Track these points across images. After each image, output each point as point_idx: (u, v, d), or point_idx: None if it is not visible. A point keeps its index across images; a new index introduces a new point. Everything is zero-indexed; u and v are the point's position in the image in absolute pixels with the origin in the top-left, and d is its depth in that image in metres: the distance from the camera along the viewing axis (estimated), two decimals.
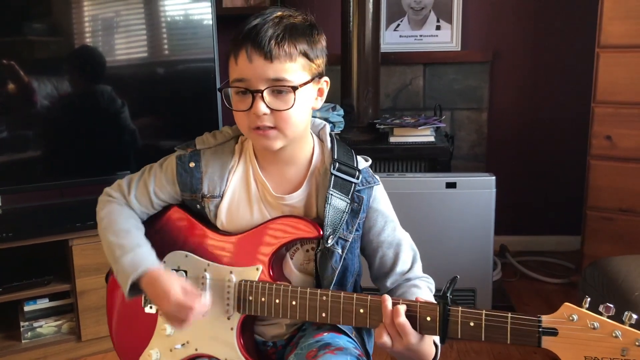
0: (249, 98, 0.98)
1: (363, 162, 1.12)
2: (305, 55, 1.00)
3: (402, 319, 0.91)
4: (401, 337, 0.92)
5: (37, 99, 2.12)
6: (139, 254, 1.06)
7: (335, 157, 1.08)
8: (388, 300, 0.93)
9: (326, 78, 1.07)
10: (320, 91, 1.07)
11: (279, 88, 0.98)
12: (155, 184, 1.13)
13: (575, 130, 2.82)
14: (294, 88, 0.98)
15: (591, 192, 2.51)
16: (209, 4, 2.34)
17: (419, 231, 2.01)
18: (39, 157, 2.18)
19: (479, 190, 2.09)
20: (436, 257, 2.05)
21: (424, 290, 1.07)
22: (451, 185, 2.09)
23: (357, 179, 1.07)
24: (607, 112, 2.43)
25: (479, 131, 3.01)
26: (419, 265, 1.12)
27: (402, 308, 0.92)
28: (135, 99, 2.28)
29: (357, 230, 1.08)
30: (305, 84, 1.00)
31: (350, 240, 1.07)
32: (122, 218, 1.12)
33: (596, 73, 2.43)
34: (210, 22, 2.35)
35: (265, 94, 0.97)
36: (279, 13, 1.01)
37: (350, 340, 1.07)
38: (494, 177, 2.10)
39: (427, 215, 2.11)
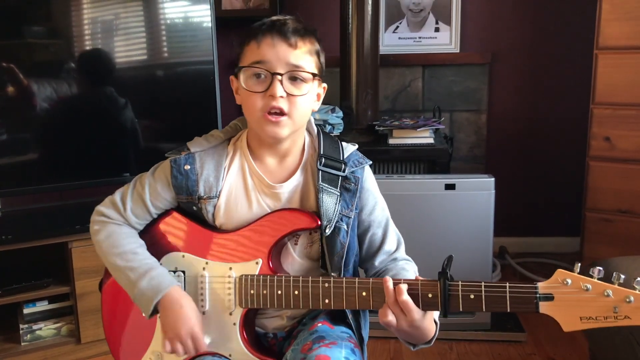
0: (266, 81, 1.04)
1: (350, 148, 1.16)
2: (317, 55, 1.09)
3: (405, 297, 0.95)
4: (405, 315, 0.95)
5: (37, 101, 2.12)
6: (156, 276, 1.08)
7: (322, 153, 1.12)
8: (390, 281, 0.97)
9: (325, 85, 1.14)
10: (318, 95, 1.14)
11: (296, 75, 1.04)
12: (150, 193, 1.14)
13: (574, 132, 2.83)
14: (314, 75, 1.07)
15: (590, 194, 2.51)
16: (208, 6, 2.35)
17: (418, 233, 2.03)
18: (39, 159, 2.18)
19: (478, 192, 2.09)
20: (435, 258, 2.03)
21: (412, 274, 1.10)
22: (450, 186, 2.09)
23: (344, 172, 1.11)
24: (606, 113, 2.43)
25: (478, 133, 3.01)
26: (403, 247, 1.16)
27: (404, 287, 0.95)
28: (134, 102, 2.27)
29: (356, 208, 1.12)
30: (318, 76, 1.09)
31: (352, 217, 1.10)
32: (124, 239, 1.13)
33: (595, 74, 2.43)
34: (210, 25, 2.35)
35: (283, 78, 1.03)
36: (294, 16, 1.09)
37: (344, 330, 1.09)
38: (493, 179, 2.10)
39: (426, 217, 2.11)
